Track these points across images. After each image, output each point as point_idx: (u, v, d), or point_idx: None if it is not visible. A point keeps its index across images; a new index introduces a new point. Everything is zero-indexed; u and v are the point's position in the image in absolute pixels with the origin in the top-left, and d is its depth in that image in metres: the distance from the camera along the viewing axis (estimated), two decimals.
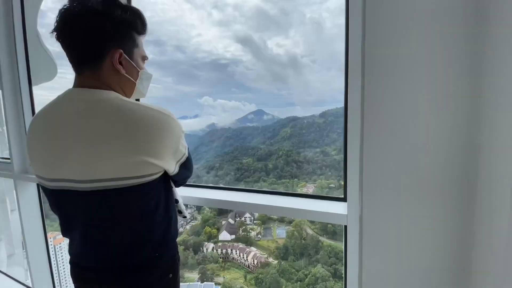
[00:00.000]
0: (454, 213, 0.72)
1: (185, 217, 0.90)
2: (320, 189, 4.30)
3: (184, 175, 0.78)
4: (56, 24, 0.62)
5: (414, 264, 0.78)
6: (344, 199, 0.97)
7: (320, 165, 4.58)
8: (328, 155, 4.57)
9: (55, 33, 0.62)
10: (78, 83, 0.66)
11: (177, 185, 0.83)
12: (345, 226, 0.89)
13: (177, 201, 0.84)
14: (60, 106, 0.64)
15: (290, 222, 4.62)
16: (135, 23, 0.68)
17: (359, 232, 0.83)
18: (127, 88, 0.72)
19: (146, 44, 0.77)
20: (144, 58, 0.76)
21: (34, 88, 1.63)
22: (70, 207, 0.65)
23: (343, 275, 0.95)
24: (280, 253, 4.41)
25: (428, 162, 0.72)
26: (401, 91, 0.72)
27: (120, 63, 0.66)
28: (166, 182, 0.73)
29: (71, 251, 0.73)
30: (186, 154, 0.74)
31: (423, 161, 0.73)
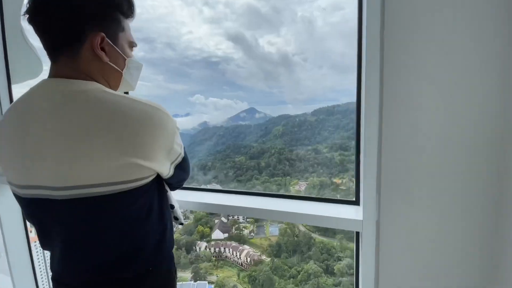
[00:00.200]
0: (483, 218, 0.66)
1: (182, 224, 0.83)
2: (312, 187, 4.34)
3: (180, 177, 0.70)
4: (28, 4, 0.53)
5: (438, 275, 0.71)
6: (356, 202, 0.90)
7: (312, 163, 4.62)
8: (320, 153, 4.61)
9: (27, 16, 0.54)
10: (53, 73, 0.57)
11: (172, 189, 0.75)
12: (358, 233, 0.81)
13: (172, 207, 0.76)
14: (32, 100, 0.55)
15: None
16: (120, 2, 0.60)
17: (376, 239, 0.74)
18: (112, 78, 0.63)
19: (135, 41, 0.73)
20: (132, 44, 0.67)
21: (18, 86, 1.57)
22: (47, 218, 0.58)
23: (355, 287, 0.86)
24: (273, 250, 4.44)
25: (453, 163, 0.67)
26: (425, 88, 0.67)
27: (103, 49, 0.58)
28: (160, 185, 0.65)
29: (52, 266, 0.65)
30: (182, 154, 0.66)
31: (448, 162, 0.67)
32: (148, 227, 0.61)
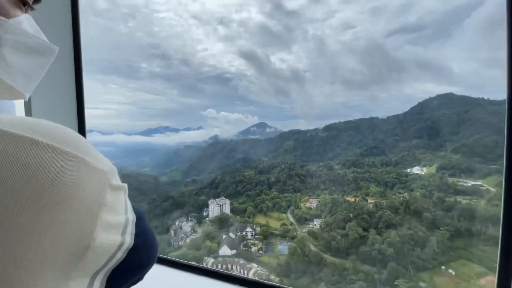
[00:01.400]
0: None
1: None
2: (324, 204, 4.21)
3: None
4: None
5: None
6: None
7: (324, 180, 4.51)
8: (332, 169, 4.51)
9: None
10: None
11: None
12: None
13: None
14: None
15: (292, 238, 4.50)
16: None
17: None
18: None
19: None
20: None
21: None
22: None
23: None
24: (282, 270, 4.27)
25: None
26: None
27: None
28: None
29: None
30: (128, 242, 0.23)
31: None
32: None
